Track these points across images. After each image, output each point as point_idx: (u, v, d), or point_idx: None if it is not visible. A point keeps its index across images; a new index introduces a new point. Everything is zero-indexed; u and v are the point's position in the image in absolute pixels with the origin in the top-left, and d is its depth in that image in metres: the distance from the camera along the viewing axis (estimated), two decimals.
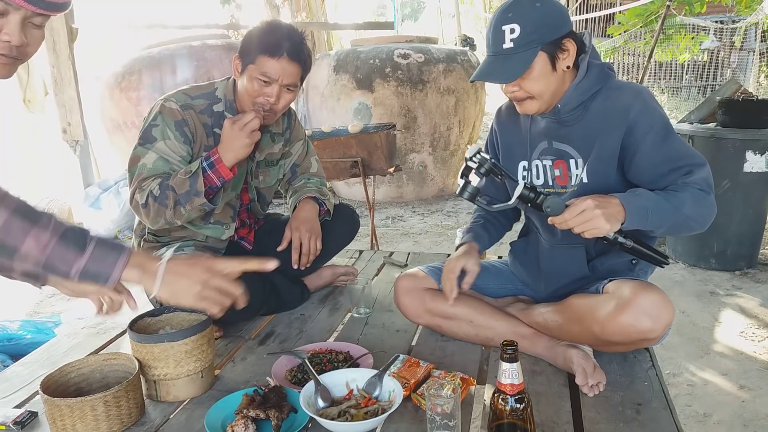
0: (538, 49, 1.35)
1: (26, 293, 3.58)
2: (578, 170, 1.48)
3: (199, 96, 1.80)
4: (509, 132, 1.64)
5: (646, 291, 1.32)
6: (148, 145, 1.71)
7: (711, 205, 1.38)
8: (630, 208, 1.29)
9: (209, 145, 1.79)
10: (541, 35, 1.35)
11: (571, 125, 1.47)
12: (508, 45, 1.35)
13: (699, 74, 10.69)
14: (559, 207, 1.31)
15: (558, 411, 1.31)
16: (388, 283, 2.15)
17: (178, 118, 1.73)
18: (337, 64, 5.38)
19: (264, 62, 1.68)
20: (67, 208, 4.75)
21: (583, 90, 1.43)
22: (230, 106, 1.81)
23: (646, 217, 1.30)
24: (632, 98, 1.40)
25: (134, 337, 1.39)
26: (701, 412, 2.14)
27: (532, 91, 1.39)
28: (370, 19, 15.50)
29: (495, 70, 1.39)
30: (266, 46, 1.69)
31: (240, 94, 1.79)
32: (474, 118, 5.67)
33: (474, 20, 15.99)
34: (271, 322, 1.89)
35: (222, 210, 1.88)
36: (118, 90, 4.92)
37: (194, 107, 1.77)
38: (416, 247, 4.23)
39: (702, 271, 3.54)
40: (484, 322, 1.60)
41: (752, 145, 3.27)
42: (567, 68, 1.40)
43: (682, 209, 1.33)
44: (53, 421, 1.24)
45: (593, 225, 1.26)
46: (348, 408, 1.27)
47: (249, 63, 1.71)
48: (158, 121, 1.72)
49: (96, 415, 1.24)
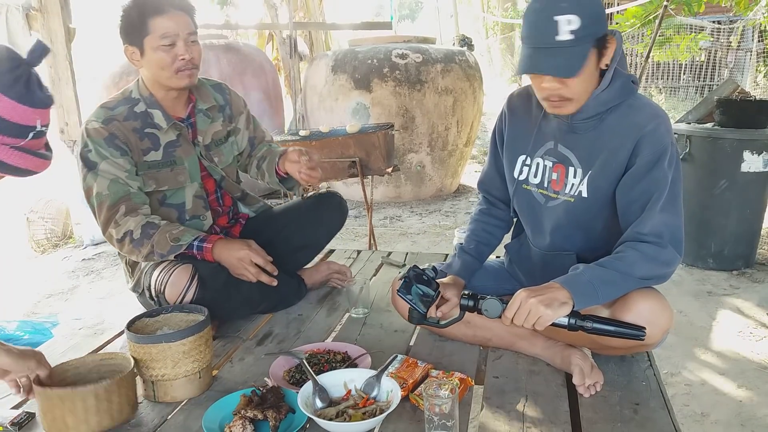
0: (592, 44, 1.26)
1: (23, 293, 3.58)
2: (575, 179, 1.43)
3: (117, 104, 1.78)
4: (519, 121, 1.56)
5: (644, 296, 1.31)
6: (93, 171, 1.69)
7: (668, 261, 1.30)
8: (574, 287, 1.25)
9: (147, 147, 1.77)
10: (597, 29, 1.26)
11: (581, 133, 1.42)
12: (566, 37, 1.23)
13: (696, 74, 10.71)
14: (495, 309, 1.30)
15: (556, 411, 1.31)
16: (386, 283, 2.15)
17: (105, 135, 1.70)
18: (335, 64, 5.38)
19: (158, 25, 1.66)
20: (64, 208, 4.74)
21: (603, 101, 1.35)
22: (150, 101, 1.79)
23: (594, 291, 1.26)
24: (647, 120, 1.34)
25: (132, 338, 1.39)
26: (699, 411, 2.14)
27: (577, 90, 1.30)
28: (368, 19, 15.49)
29: (548, 64, 1.26)
30: (150, 9, 1.67)
31: (154, 78, 1.76)
32: (472, 118, 5.68)
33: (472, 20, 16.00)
34: (269, 322, 1.89)
35: (192, 203, 1.88)
36: (115, 90, 4.88)
37: (116, 117, 1.74)
38: (414, 247, 4.24)
39: (699, 270, 3.55)
40: (482, 323, 1.59)
41: (749, 145, 3.28)
42: (605, 67, 1.33)
43: (634, 272, 1.28)
44: (44, 413, 1.25)
45: (535, 315, 1.22)
46: (346, 408, 1.27)
47: (144, 37, 1.68)
48: (89, 146, 1.70)
49: (86, 408, 1.24)
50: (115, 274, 3.80)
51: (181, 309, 1.55)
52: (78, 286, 3.70)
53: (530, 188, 1.54)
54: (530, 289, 1.27)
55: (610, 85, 1.35)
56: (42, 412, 1.26)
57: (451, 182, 5.85)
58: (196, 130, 1.89)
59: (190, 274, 1.68)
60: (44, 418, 1.26)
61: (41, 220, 4.53)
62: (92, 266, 4.04)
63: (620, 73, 1.36)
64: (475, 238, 1.67)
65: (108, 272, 3.89)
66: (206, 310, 1.49)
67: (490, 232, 1.68)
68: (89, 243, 4.47)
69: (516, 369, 1.50)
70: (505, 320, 1.29)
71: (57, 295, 3.57)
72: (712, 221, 3.46)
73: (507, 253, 1.75)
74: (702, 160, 3.41)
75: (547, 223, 1.52)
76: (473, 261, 1.65)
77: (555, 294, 1.25)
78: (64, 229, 4.68)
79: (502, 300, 1.31)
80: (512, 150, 1.57)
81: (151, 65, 1.72)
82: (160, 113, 1.79)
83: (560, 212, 1.47)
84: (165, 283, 1.68)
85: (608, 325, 1.26)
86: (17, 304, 3.40)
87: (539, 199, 1.52)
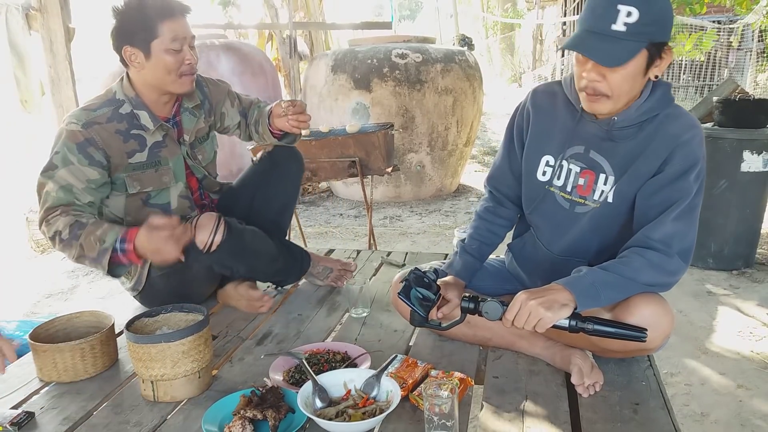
0: (645, 44, 1.24)
1: (23, 293, 3.58)
2: (605, 186, 1.41)
3: (100, 106, 1.74)
4: (545, 119, 1.51)
5: (646, 301, 1.30)
6: (51, 172, 1.65)
7: (673, 271, 1.31)
8: (576, 289, 1.25)
9: (132, 149, 1.75)
10: (654, 31, 1.24)
11: (618, 142, 1.39)
12: (619, 27, 1.21)
13: (696, 74, 10.72)
14: (496, 311, 1.30)
15: (556, 411, 1.31)
16: (386, 283, 2.15)
17: (80, 139, 1.67)
18: (335, 64, 5.38)
19: (169, 28, 1.65)
20: None
21: (644, 111, 1.35)
22: (137, 103, 1.76)
23: (597, 294, 1.26)
24: (683, 130, 1.34)
25: (131, 338, 1.38)
26: (699, 411, 2.14)
27: (616, 87, 1.28)
28: (368, 19, 15.50)
29: (595, 47, 1.24)
30: (161, 12, 1.65)
31: (154, 82, 1.73)
32: (472, 118, 5.68)
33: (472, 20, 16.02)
34: (268, 322, 1.89)
35: (178, 204, 1.87)
36: None
37: (98, 120, 1.71)
38: (414, 246, 4.23)
39: (699, 270, 3.55)
40: (482, 323, 1.57)
41: (749, 145, 3.28)
42: (654, 78, 1.32)
43: (638, 278, 1.28)
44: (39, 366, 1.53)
45: (536, 317, 1.23)
46: (346, 408, 1.27)
47: (151, 40, 1.66)
48: (59, 147, 1.67)
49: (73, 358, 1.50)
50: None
51: (180, 309, 1.55)
52: (77, 286, 3.70)
53: (554, 191, 1.51)
54: (530, 291, 1.27)
55: (651, 95, 1.34)
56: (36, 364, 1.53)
57: (451, 182, 5.85)
58: (181, 128, 1.88)
59: (216, 217, 1.72)
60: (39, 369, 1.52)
61: None
62: None
63: (661, 82, 1.36)
64: (478, 238, 1.65)
65: None
66: (206, 310, 1.49)
67: (493, 231, 1.67)
68: None
69: (516, 369, 1.50)
70: (506, 322, 1.29)
71: (56, 295, 3.57)
72: (711, 221, 3.46)
73: (509, 252, 1.74)
74: None
75: (570, 228, 1.49)
76: (474, 261, 1.64)
77: (555, 296, 1.25)
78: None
79: (503, 303, 1.31)
80: (535, 148, 1.53)
81: (156, 68, 1.70)
82: (146, 114, 1.77)
83: (586, 219, 1.46)
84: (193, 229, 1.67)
85: (610, 327, 1.26)
86: (17, 304, 3.40)
87: (562, 203, 1.49)
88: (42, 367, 1.52)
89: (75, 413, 1.38)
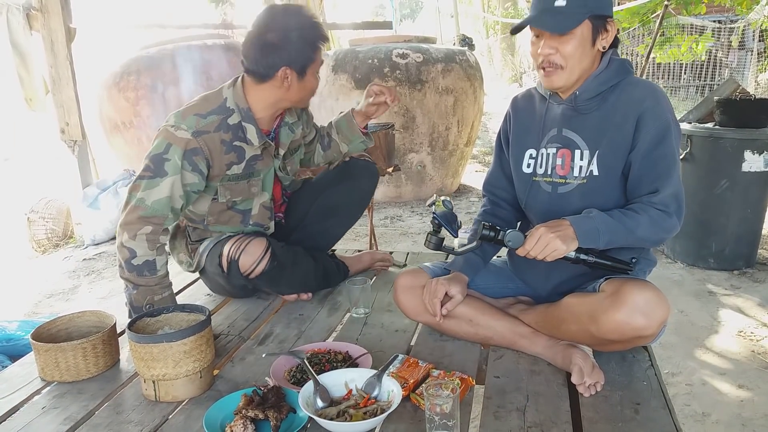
0: (586, 16, 1.40)
1: (24, 293, 3.58)
2: (582, 161, 1.49)
3: (210, 113, 1.72)
4: (523, 119, 1.65)
5: (640, 288, 1.32)
6: (158, 179, 1.65)
7: (669, 228, 1.41)
8: (580, 230, 1.36)
9: (230, 162, 1.76)
10: (593, 4, 1.40)
11: (586, 114, 1.50)
12: (560, 3, 1.39)
13: (697, 74, 10.72)
14: (518, 240, 1.41)
15: (557, 410, 1.31)
16: (387, 283, 2.15)
17: (189, 147, 1.67)
18: (336, 64, 5.38)
19: (320, 53, 1.73)
20: (65, 208, 4.75)
21: (603, 81, 1.47)
22: (246, 115, 1.76)
23: (597, 237, 1.37)
24: (646, 93, 1.45)
25: (133, 338, 1.39)
26: (700, 411, 2.14)
27: (567, 56, 1.42)
28: (369, 19, 15.50)
29: (543, 20, 1.42)
30: (320, 38, 1.72)
31: (294, 98, 1.78)
32: (472, 117, 5.67)
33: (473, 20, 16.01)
34: (270, 322, 1.89)
35: (258, 211, 1.89)
36: (116, 90, 4.92)
37: (207, 129, 1.70)
38: (415, 246, 4.24)
39: (700, 270, 3.54)
40: (484, 322, 1.59)
41: (750, 145, 3.28)
42: (603, 49, 1.46)
43: (635, 231, 1.38)
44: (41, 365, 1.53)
45: (552, 248, 1.35)
46: (347, 408, 1.27)
47: (310, 63, 1.72)
48: (170, 153, 1.66)
49: (75, 358, 1.50)
50: (116, 274, 3.80)
51: (182, 309, 1.55)
52: (79, 286, 3.70)
53: (538, 179, 1.58)
54: (546, 225, 1.38)
55: (608, 66, 1.47)
56: (38, 364, 1.53)
57: (452, 182, 5.85)
58: (278, 142, 1.90)
59: (265, 247, 1.77)
60: (41, 369, 1.53)
61: (42, 220, 4.53)
62: (93, 266, 4.05)
63: (616, 58, 1.50)
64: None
65: (109, 272, 3.89)
66: (207, 310, 1.49)
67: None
68: (90, 243, 4.47)
69: (517, 369, 1.50)
70: (523, 251, 1.39)
71: (58, 295, 3.57)
72: (713, 221, 3.46)
73: (510, 251, 1.74)
74: (703, 159, 3.41)
75: (559, 211, 1.51)
76: (477, 259, 1.67)
77: (567, 231, 1.36)
78: (64, 228, 4.69)
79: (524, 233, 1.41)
80: (519, 146, 1.63)
81: (303, 89, 1.76)
82: (253, 129, 1.77)
83: (576, 197, 1.50)
84: (241, 251, 1.74)
85: (605, 259, 1.41)
86: (18, 304, 3.40)
87: (546, 188, 1.56)
88: (44, 366, 1.52)
89: (76, 413, 1.38)
